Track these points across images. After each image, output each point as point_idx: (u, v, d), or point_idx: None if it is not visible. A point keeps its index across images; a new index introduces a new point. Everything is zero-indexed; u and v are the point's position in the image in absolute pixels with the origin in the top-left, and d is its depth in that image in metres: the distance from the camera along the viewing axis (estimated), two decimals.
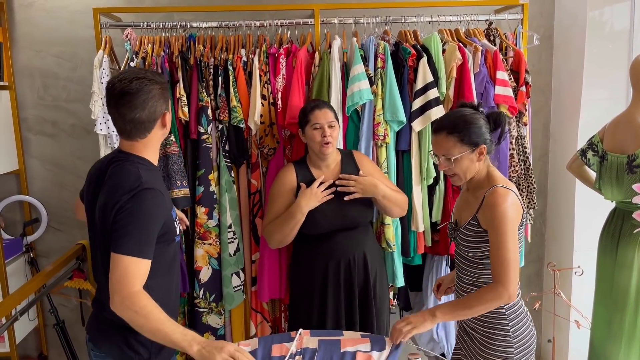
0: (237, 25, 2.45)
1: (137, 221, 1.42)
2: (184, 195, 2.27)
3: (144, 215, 1.43)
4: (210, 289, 2.38)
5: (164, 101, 1.54)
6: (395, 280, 2.44)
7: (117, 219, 1.43)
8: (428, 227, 2.47)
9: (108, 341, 1.56)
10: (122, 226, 1.41)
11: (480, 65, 2.37)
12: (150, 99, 1.50)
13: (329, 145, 2.05)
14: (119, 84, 1.48)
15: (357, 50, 2.32)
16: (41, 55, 2.78)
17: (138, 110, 1.49)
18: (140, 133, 1.53)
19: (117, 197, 1.45)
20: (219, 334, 2.44)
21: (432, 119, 2.32)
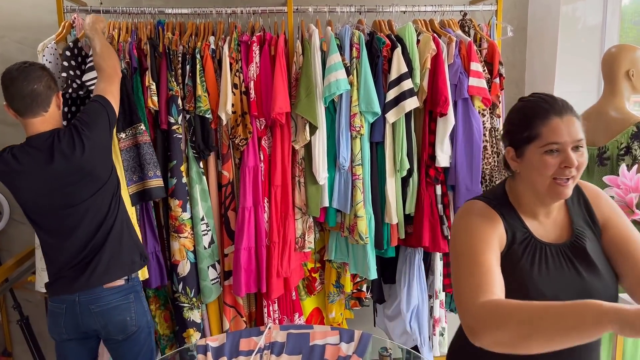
0: (208, 12, 2.38)
1: None
2: (158, 185, 2.20)
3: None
4: (190, 283, 2.32)
5: (54, 84, 1.80)
6: (368, 272, 2.42)
7: (86, 115, 1.87)
8: (401, 220, 2.45)
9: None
10: None
11: (455, 56, 2.36)
12: (45, 76, 1.75)
13: (568, 184, 1.22)
14: (13, 67, 1.75)
15: (333, 39, 2.28)
16: (4, 41, 2.66)
17: (35, 83, 1.72)
18: (41, 106, 1.75)
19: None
20: (201, 328, 2.39)
21: (406, 110, 2.30)
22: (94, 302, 1.84)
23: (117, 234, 1.88)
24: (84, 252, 1.84)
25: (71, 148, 1.76)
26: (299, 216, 2.44)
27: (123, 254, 1.90)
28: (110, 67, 1.99)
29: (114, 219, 1.88)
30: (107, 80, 1.95)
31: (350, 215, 2.40)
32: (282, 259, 2.40)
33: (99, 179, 1.84)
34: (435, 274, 2.56)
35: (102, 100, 1.89)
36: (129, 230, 1.95)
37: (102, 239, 1.85)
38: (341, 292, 2.64)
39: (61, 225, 1.82)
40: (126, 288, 1.90)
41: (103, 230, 1.85)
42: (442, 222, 2.43)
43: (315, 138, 2.33)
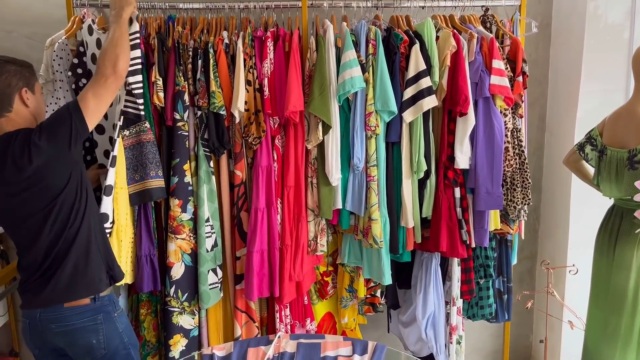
0: (220, 7, 2.31)
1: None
2: (159, 186, 2.13)
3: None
4: (183, 287, 2.24)
5: (21, 78, 1.66)
6: (382, 278, 2.33)
7: (48, 121, 1.67)
8: (418, 223, 2.36)
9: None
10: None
11: (476, 53, 2.25)
12: (3, 73, 1.63)
13: None
14: None
15: (348, 35, 2.19)
16: (13, 36, 2.62)
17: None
18: (3, 106, 1.64)
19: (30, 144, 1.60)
20: (191, 335, 2.29)
21: (424, 109, 2.21)
22: (54, 322, 1.69)
23: (80, 247, 1.71)
24: (45, 265, 1.69)
25: (20, 156, 1.60)
26: (312, 218, 2.36)
27: (87, 270, 1.72)
28: (105, 65, 1.73)
29: (77, 231, 1.70)
30: (98, 82, 1.72)
31: (364, 218, 2.31)
32: (295, 262, 2.32)
33: (52, 189, 1.66)
34: (453, 280, 2.47)
35: (73, 107, 1.68)
36: (97, 244, 1.77)
37: (63, 251, 1.69)
38: (354, 297, 2.55)
39: (22, 233, 1.71)
40: (92, 308, 1.72)
41: (64, 243, 1.69)
42: (461, 226, 2.33)
43: (329, 137, 2.25)
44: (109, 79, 1.72)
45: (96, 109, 1.72)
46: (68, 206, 1.69)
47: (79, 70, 2.19)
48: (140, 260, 2.18)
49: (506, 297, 2.62)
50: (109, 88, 1.73)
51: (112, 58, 1.74)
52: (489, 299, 2.56)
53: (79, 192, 1.72)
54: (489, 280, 2.54)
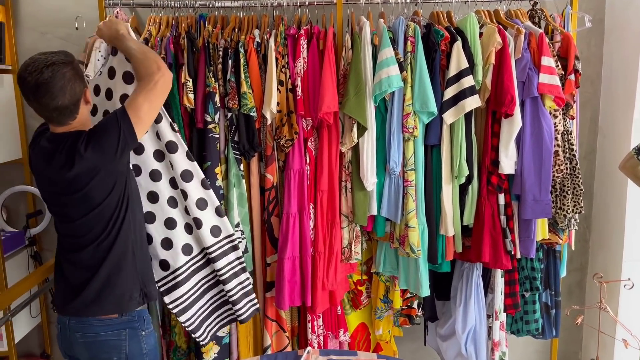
0: (252, 4, 2.24)
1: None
2: None
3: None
4: None
5: (80, 79, 1.57)
6: (419, 289, 2.20)
7: (96, 129, 1.59)
8: (459, 231, 2.22)
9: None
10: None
11: (523, 50, 2.10)
12: (68, 83, 1.51)
13: None
14: (31, 76, 1.48)
15: (385, 32, 2.08)
16: (47, 38, 2.61)
17: (59, 98, 1.51)
18: (69, 117, 1.58)
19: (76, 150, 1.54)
20: (223, 342, 2.23)
21: (467, 110, 2.07)
22: (79, 331, 1.65)
23: (113, 261, 1.64)
24: (79, 273, 1.65)
25: (64, 162, 1.55)
26: (345, 224, 2.25)
27: (118, 286, 1.66)
28: (150, 71, 1.64)
29: (112, 245, 1.63)
30: (147, 87, 1.62)
31: (400, 225, 2.19)
32: (328, 270, 2.22)
33: (91, 200, 1.60)
34: (496, 292, 2.31)
35: (121, 116, 1.59)
36: (133, 259, 1.69)
37: (96, 263, 1.63)
38: (389, 307, 2.43)
39: (64, 233, 1.68)
40: (119, 322, 1.65)
41: (97, 254, 1.63)
42: (505, 235, 2.17)
43: (364, 140, 2.14)
44: (158, 82, 1.62)
45: (148, 116, 1.64)
46: (104, 219, 1.63)
47: None
48: None
49: (554, 312, 2.45)
50: (160, 91, 1.65)
51: (152, 63, 1.65)
52: (535, 313, 2.39)
53: (119, 205, 1.65)
54: (535, 293, 2.37)
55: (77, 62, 1.60)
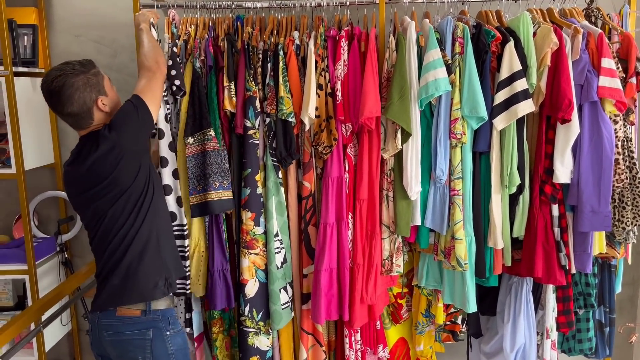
0: (291, 5, 2.15)
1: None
2: (220, 198, 1.98)
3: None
4: (257, 305, 2.08)
5: (92, 89, 1.64)
6: (466, 305, 2.07)
7: (115, 117, 1.68)
8: (508, 244, 2.08)
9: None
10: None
11: (581, 51, 1.96)
12: (75, 92, 1.60)
13: None
14: (44, 85, 1.62)
15: (432, 33, 1.96)
16: (80, 40, 2.57)
17: (68, 106, 1.61)
18: (85, 122, 1.67)
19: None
20: (267, 356, 2.14)
21: (519, 115, 1.94)
22: (107, 329, 1.67)
23: (138, 248, 1.67)
24: (107, 266, 1.67)
25: (89, 149, 1.64)
26: (387, 235, 2.14)
27: (142, 273, 1.67)
28: (152, 60, 1.80)
29: (137, 231, 1.66)
30: (147, 76, 1.78)
31: (446, 237, 2.07)
32: (367, 283, 2.11)
33: (119, 185, 1.64)
34: (547, 309, 2.17)
35: (136, 100, 1.71)
36: (158, 247, 1.71)
37: (121, 252, 1.66)
38: (431, 322, 2.31)
39: (92, 231, 1.71)
40: (143, 321, 1.65)
41: (123, 242, 1.66)
42: (559, 248, 2.03)
43: (408, 146, 2.02)
44: (156, 73, 1.79)
45: (152, 101, 1.75)
46: (130, 203, 1.67)
47: (173, 72, 2.01)
48: (213, 275, 2.06)
49: (608, 330, 2.30)
50: (158, 81, 1.80)
51: (152, 56, 1.81)
52: (589, 331, 2.25)
53: (145, 189, 1.70)
54: (590, 310, 2.22)
55: (94, 72, 1.68)
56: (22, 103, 2.29)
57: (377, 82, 2.01)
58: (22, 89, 2.31)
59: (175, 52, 2.03)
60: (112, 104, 1.72)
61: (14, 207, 2.66)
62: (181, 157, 2.02)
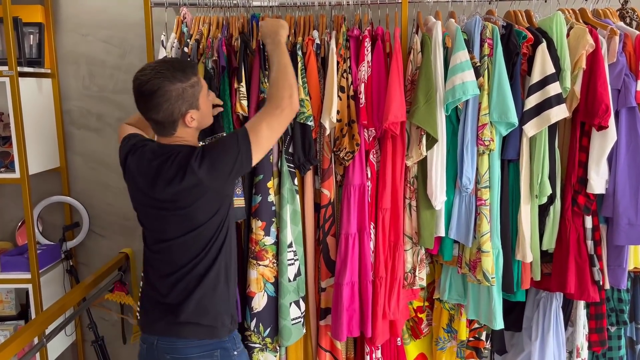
0: (309, 3, 2.05)
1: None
2: (237, 205, 1.88)
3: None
4: (265, 320, 1.97)
5: (185, 101, 1.47)
6: (492, 321, 1.96)
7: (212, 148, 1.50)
8: (537, 257, 1.97)
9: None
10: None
11: (618, 53, 1.85)
12: (165, 102, 1.45)
13: None
14: (136, 81, 1.48)
15: (459, 33, 1.86)
16: (88, 40, 2.47)
17: (153, 112, 1.48)
18: (166, 131, 1.53)
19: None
20: None
21: (552, 121, 1.83)
22: (171, 352, 1.56)
23: (210, 285, 1.56)
24: (173, 293, 1.57)
25: (173, 176, 1.48)
26: (409, 246, 2.03)
27: (212, 312, 1.57)
28: (286, 93, 1.56)
29: (208, 268, 1.55)
30: (272, 112, 1.54)
31: (471, 249, 1.96)
32: (390, 297, 2.00)
33: (192, 221, 1.52)
34: (577, 326, 2.06)
35: (242, 138, 1.50)
36: (227, 283, 1.61)
37: (192, 286, 1.55)
38: (453, 338, 2.20)
39: (151, 239, 1.61)
40: (210, 343, 1.57)
41: (194, 276, 1.55)
42: (592, 263, 1.92)
43: (433, 153, 1.92)
44: (285, 111, 1.54)
45: (267, 142, 1.55)
46: (204, 240, 1.55)
47: None
48: None
49: (639, 347, 2.18)
50: (284, 120, 1.57)
51: (287, 88, 1.56)
52: (620, 349, 2.13)
53: (219, 229, 1.56)
54: (622, 327, 2.10)
55: (193, 81, 1.49)
56: (27, 105, 2.19)
57: (402, 85, 1.90)
58: (27, 90, 2.21)
59: (186, 53, 1.93)
60: (201, 118, 1.56)
61: (17, 213, 2.57)
62: None
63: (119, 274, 2.48)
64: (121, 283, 2.46)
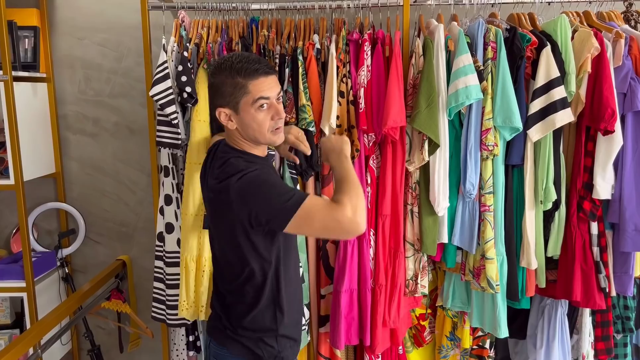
0: (309, 7, 2.01)
1: (266, 190, 1.35)
2: None
3: (265, 184, 1.36)
4: None
5: (222, 96, 1.39)
6: (497, 329, 1.93)
7: (258, 182, 1.37)
8: (542, 264, 1.94)
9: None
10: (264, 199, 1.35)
11: (624, 57, 1.82)
12: (214, 94, 1.42)
13: None
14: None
15: (462, 36, 1.82)
16: (84, 44, 2.43)
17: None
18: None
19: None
20: None
21: (557, 125, 1.80)
22: (216, 357, 1.51)
23: (251, 292, 1.45)
24: (219, 293, 1.53)
25: (216, 174, 1.42)
26: (411, 253, 1.99)
27: (253, 323, 1.48)
28: (350, 206, 1.30)
29: (252, 273, 1.44)
30: (335, 210, 1.30)
31: (475, 256, 1.92)
32: (390, 305, 1.96)
33: (232, 226, 1.40)
34: (583, 334, 2.02)
35: (293, 202, 1.31)
36: (272, 292, 1.48)
37: (236, 290, 1.47)
38: (456, 346, 2.16)
39: (213, 243, 1.55)
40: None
41: (238, 281, 1.45)
42: (598, 270, 1.89)
43: (435, 158, 1.88)
44: (344, 221, 1.29)
45: (304, 230, 1.44)
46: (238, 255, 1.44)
47: (183, 78, 1.88)
48: None
49: None
50: (337, 227, 1.31)
51: (357, 202, 1.32)
52: (626, 357, 2.10)
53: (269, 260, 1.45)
54: (627, 335, 2.07)
55: (249, 79, 1.36)
56: (22, 109, 2.15)
57: (402, 89, 1.87)
58: (22, 94, 2.17)
59: (185, 57, 1.89)
60: (240, 125, 1.42)
61: (12, 220, 2.52)
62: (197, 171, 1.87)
63: (115, 281, 2.43)
64: (118, 291, 2.42)
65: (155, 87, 1.85)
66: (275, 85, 1.40)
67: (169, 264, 2.00)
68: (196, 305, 1.95)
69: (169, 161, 1.96)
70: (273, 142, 1.44)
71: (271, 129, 1.41)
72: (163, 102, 1.85)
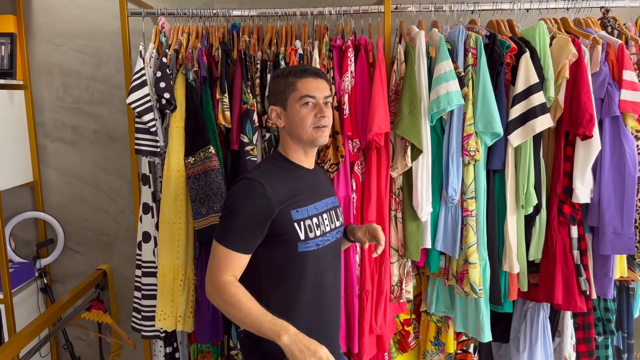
0: (290, 13, 2.01)
1: (228, 210, 1.39)
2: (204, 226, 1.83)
3: (233, 206, 1.38)
4: None
5: (272, 95, 1.50)
6: (480, 334, 1.93)
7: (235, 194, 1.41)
8: (524, 268, 1.95)
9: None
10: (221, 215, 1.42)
11: (601, 62, 1.85)
12: (270, 94, 1.51)
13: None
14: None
15: (443, 43, 1.84)
16: (62, 50, 2.40)
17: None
18: None
19: None
20: None
21: (537, 130, 1.82)
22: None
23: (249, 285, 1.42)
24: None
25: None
26: (395, 259, 2.00)
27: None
28: (213, 289, 1.36)
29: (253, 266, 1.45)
30: (211, 265, 1.39)
31: (458, 261, 1.93)
32: (377, 311, 1.96)
33: None
34: (565, 336, 2.04)
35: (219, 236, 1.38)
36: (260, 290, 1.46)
37: (249, 281, 1.44)
38: (441, 350, 2.16)
39: None
40: None
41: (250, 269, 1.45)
42: (579, 273, 1.91)
43: (418, 164, 1.89)
44: (206, 282, 1.38)
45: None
46: None
47: (162, 84, 1.86)
48: (201, 306, 1.87)
49: (626, 357, 2.18)
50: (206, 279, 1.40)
51: (217, 301, 1.36)
52: (608, 359, 2.12)
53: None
54: (608, 337, 2.09)
55: (287, 80, 1.46)
56: None
57: (386, 95, 1.87)
58: None
59: (164, 63, 1.87)
60: (287, 123, 1.47)
61: None
62: (175, 178, 1.85)
63: (96, 291, 2.39)
64: (99, 301, 2.38)
65: (132, 95, 1.82)
66: (324, 89, 1.47)
67: (146, 273, 1.95)
68: (174, 315, 1.91)
69: (148, 169, 1.93)
70: (315, 139, 1.46)
71: (313, 125, 1.45)
72: (140, 110, 1.83)
